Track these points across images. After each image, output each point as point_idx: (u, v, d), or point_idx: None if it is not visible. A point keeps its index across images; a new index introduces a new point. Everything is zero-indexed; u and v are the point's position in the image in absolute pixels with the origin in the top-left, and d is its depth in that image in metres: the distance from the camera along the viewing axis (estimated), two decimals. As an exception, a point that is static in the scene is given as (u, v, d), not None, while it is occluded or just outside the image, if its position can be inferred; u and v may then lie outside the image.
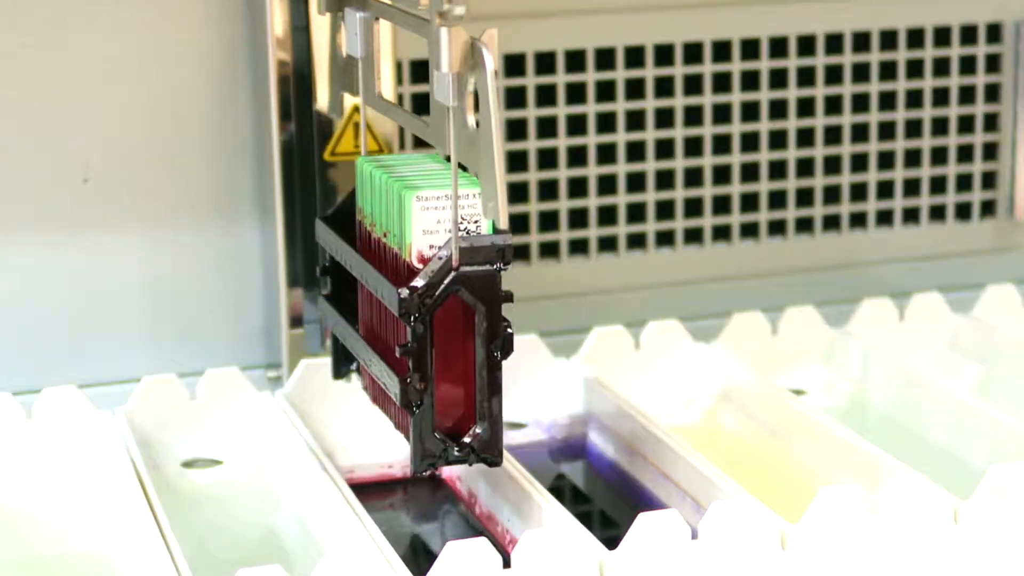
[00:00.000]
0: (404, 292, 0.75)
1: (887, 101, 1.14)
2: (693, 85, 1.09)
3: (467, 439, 0.77)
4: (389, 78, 0.95)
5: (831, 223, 1.14)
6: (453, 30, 0.72)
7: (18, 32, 0.96)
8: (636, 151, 1.09)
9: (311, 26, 0.96)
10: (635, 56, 1.08)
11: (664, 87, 1.09)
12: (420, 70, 1.03)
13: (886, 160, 1.15)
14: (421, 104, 1.03)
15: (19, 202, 0.97)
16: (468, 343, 0.76)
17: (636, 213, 1.10)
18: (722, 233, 1.12)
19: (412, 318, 0.75)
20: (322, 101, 0.97)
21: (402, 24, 0.79)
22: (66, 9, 0.96)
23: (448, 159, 0.75)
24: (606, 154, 1.08)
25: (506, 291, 0.76)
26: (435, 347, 0.76)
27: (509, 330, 0.76)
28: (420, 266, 0.76)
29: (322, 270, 0.89)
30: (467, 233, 0.75)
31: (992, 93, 1.16)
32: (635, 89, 1.08)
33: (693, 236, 1.12)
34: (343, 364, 0.90)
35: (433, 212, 0.76)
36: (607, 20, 1.07)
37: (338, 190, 0.97)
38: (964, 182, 1.17)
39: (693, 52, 1.09)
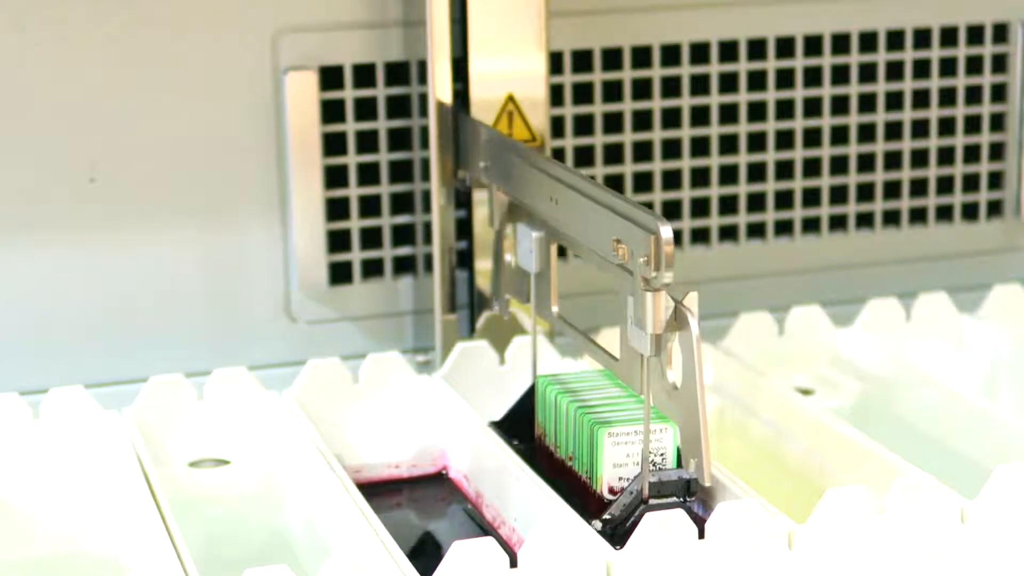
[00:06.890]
0: (597, 524, 0.78)
1: (894, 101, 1.14)
2: (700, 85, 1.09)
3: None
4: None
5: (838, 223, 1.14)
6: (657, 294, 0.75)
7: (23, 32, 0.96)
8: (642, 151, 1.09)
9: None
10: (642, 56, 1.08)
11: (671, 87, 1.09)
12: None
13: (893, 160, 1.14)
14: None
15: (26, 202, 0.97)
16: None
17: (642, 213, 1.10)
18: (728, 233, 1.12)
19: None
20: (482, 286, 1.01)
21: (587, 259, 0.82)
22: (70, 7, 0.96)
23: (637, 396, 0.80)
24: (612, 154, 1.08)
25: None
26: None
27: None
28: (611, 496, 0.80)
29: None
30: (653, 466, 0.79)
31: (999, 93, 1.16)
32: (642, 89, 1.08)
33: (700, 236, 1.11)
34: None
35: (623, 447, 0.80)
36: (612, 20, 1.07)
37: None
38: (971, 182, 1.17)
39: (700, 52, 1.09)
